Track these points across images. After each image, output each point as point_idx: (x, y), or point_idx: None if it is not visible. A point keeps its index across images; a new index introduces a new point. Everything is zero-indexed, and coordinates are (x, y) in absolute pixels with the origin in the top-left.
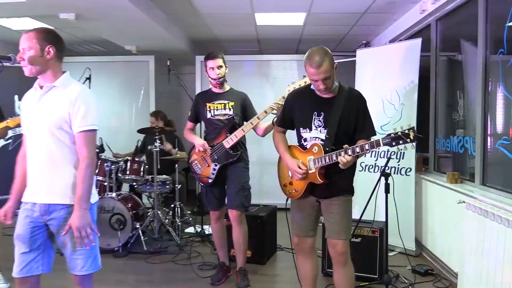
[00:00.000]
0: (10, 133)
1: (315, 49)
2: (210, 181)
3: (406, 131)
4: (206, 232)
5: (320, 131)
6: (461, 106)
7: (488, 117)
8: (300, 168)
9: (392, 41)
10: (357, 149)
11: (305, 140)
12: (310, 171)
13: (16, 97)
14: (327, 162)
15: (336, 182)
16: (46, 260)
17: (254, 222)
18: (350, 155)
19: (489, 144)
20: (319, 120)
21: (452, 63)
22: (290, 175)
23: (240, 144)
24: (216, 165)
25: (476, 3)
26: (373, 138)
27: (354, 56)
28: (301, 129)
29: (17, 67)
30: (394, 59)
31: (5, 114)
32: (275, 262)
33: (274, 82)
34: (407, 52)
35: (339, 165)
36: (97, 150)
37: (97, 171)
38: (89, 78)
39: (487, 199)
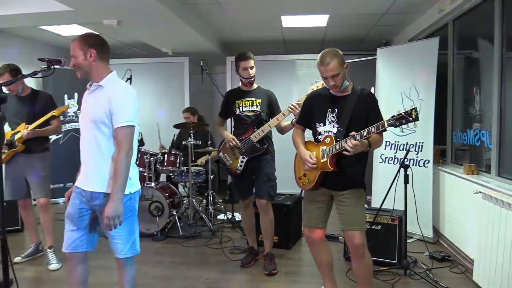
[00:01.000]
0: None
1: (326, 50)
2: (238, 172)
3: (409, 111)
4: (236, 219)
5: (333, 126)
6: (478, 101)
7: (504, 111)
8: (311, 158)
9: (411, 40)
10: (364, 133)
11: (319, 134)
12: (322, 160)
13: (66, 96)
14: (337, 150)
15: (348, 175)
16: (90, 240)
17: (280, 210)
18: (356, 140)
19: (504, 137)
20: (333, 116)
21: (469, 60)
22: (305, 168)
23: (267, 138)
24: (244, 158)
25: (492, 3)
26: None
27: (375, 54)
28: (317, 124)
29: (66, 70)
30: (413, 57)
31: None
32: (300, 247)
33: (298, 80)
34: (425, 51)
35: (346, 151)
36: (138, 144)
37: (137, 162)
38: (130, 78)
39: (503, 189)
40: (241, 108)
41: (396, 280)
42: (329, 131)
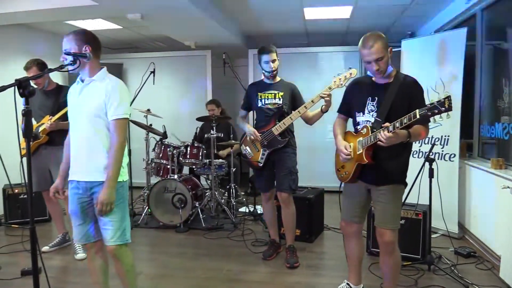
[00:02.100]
0: None
1: (369, 33)
2: (260, 165)
3: (442, 100)
4: (258, 212)
5: (372, 115)
6: (507, 94)
7: None
8: (346, 149)
9: (437, 31)
10: (397, 124)
11: (358, 124)
12: (358, 152)
13: None
14: (372, 141)
15: (385, 169)
16: (99, 228)
17: (302, 203)
18: (390, 131)
19: None
20: (373, 105)
21: (498, 51)
22: (341, 159)
23: (288, 131)
24: (265, 151)
25: None
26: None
27: (400, 46)
28: (356, 113)
29: None
30: (439, 49)
31: None
32: (322, 241)
33: (321, 73)
34: (452, 42)
35: (380, 142)
36: (161, 137)
37: (160, 155)
38: (153, 72)
39: None
40: (263, 100)
41: (419, 275)
42: (367, 121)
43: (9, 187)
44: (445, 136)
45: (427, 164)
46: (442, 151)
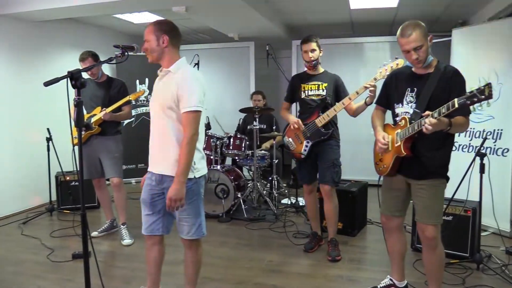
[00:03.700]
0: (133, 113)
1: (407, 22)
2: (302, 157)
3: (482, 87)
4: (300, 204)
5: (411, 106)
6: None
7: None
8: (383, 139)
9: (491, 19)
10: (435, 114)
11: (397, 115)
12: (396, 144)
13: (137, 81)
14: (410, 132)
15: (425, 162)
16: (166, 223)
17: (345, 197)
18: (435, 118)
19: None
20: (412, 96)
21: None
22: (378, 150)
23: (332, 123)
24: (308, 142)
25: None
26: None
27: (450, 36)
28: (395, 104)
29: (138, 56)
30: (492, 38)
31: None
32: (365, 235)
33: (366, 64)
34: (507, 30)
35: (424, 129)
36: (204, 128)
37: (204, 145)
38: (197, 64)
39: None
40: (306, 92)
41: (467, 274)
42: (405, 112)
43: (61, 175)
44: (498, 130)
45: (477, 158)
46: (495, 145)
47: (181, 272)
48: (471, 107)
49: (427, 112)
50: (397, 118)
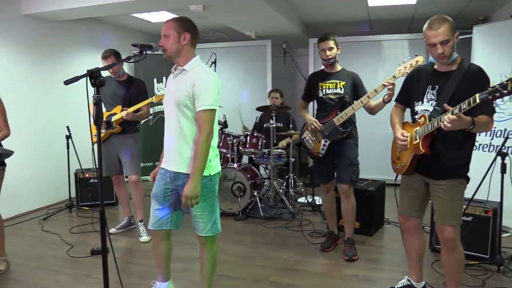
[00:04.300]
0: (151, 111)
1: (435, 16)
2: (320, 156)
3: (504, 82)
4: (317, 203)
5: (430, 104)
6: None
7: None
8: (402, 135)
9: None
10: (456, 110)
11: (416, 113)
12: (414, 142)
13: (155, 80)
14: (429, 130)
15: (445, 161)
16: (175, 219)
17: (362, 196)
18: (455, 114)
19: None
20: (432, 94)
21: None
22: (398, 148)
23: (350, 122)
24: (326, 141)
25: None
26: None
27: (471, 33)
28: (415, 102)
29: (156, 55)
30: None
31: (148, 93)
32: (382, 235)
33: (385, 61)
34: None
35: (443, 125)
36: (221, 126)
37: (221, 144)
38: (214, 62)
39: None
40: (324, 90)
41: (487, 276)
42: (425, 110)
43: (80, 172)
44: None
45: (499, 158)
46: None
47: (196, 269)
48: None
49: (447, 106)
50: (416, 116)
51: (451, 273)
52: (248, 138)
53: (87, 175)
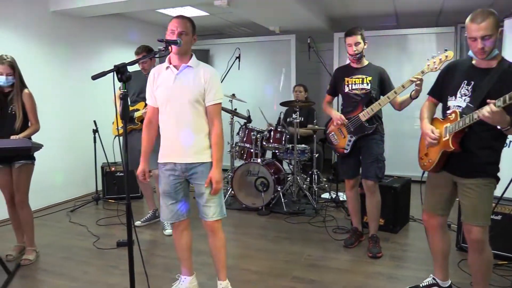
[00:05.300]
0: None
1: (480, 9)
2: (345, 151)
3: None
4: (340, 199)
5: (464, 100)
6: None
7: None
8: (432, 132)
9: None
10: (499, 103)
11: (448, 108)
12: (444, 138)
13: None
14: (461, 126)
15: (474, 160)
16: (186, 208)
17: (387, 192)
18: (498, 106)
19: None
20: (467, 89)
21: None
22: (426, 144)
23: (376, 117)
24: (351, 137)
25: None
26: None
27: (502, 26)
28: (448, 97)
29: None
30: None
31: None
32: (407, 232)
33: (411, 56)
34: None
35: (480, 115)
36: (245, 121)
37: (244, 138)
38: (238, 57)
39: None
40: (350, 86)
41: None
42: (457, 106)
43: (106, 165)
44: None
45: None
46: None
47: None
48: None
49: (490, 101)
50: (448, 111)
51: (478, 275)
52: (272, 133)
53: (113, 168)
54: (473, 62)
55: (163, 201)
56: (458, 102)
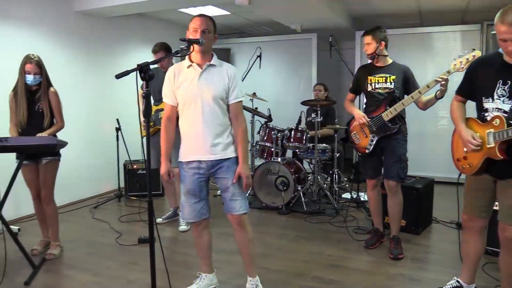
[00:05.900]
0: None
1: (510, 6)
2: (367, 151)
3: None
4: (361, 199)
5: (503, 101)
6: None
7: None
8: (474, 139)
9: None
10: None
11: (486, 110)
12: (488, 145)
13: None
14: (510, 136)
15: None
16: (208, 206)
17: (410, 193)
18: None
19: None
20: (504, 90)
21: None
22: (465, 149)
23: (399, 117)
24: (374, 137)
25: None
26: None
27: None
28: (483, 98)
29: None
30: None
31: None
32: (430, 234)
33: (435, 55)
34: None
35: None
36: (266, 120)
37: (265, 137)
38: (260, 56)
39: None
40: (373, 84)
41: None
42: (497, 108)
43: (129, 163)
44: None
45: None
46: None
47: (240, 262)
48: None
49: None
50: (486, 114)
51: (510, 277)
52: (293, 132)
53: (135, 166)
54: (505, 59)
55: (186, 200)
56: (496, 104)
